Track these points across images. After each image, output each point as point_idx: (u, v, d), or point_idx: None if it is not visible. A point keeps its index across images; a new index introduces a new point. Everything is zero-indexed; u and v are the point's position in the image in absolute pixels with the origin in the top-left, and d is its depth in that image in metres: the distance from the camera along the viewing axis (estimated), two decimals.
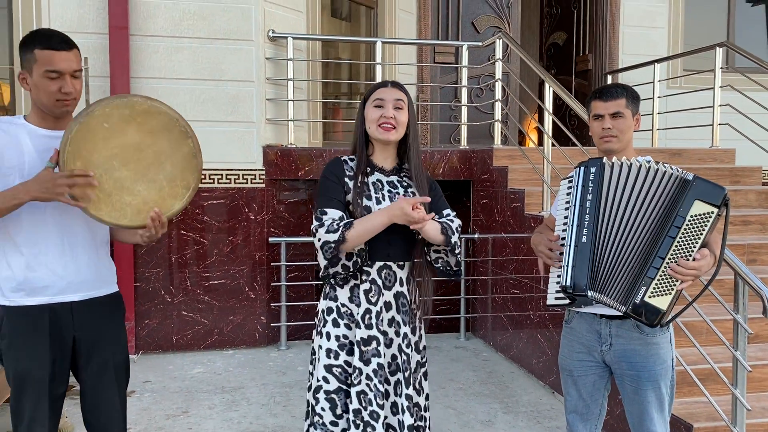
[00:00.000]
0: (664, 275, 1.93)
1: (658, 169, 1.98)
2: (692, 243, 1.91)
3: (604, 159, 2.06)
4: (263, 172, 4.95)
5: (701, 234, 1.91)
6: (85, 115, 1.81)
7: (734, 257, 2.61)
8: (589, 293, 1.99)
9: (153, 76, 4.70)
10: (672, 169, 1.98)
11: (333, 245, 2.01)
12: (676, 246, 1.92)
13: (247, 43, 4.87)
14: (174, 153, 1.91)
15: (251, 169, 4.91)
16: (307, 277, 5.30)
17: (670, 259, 1.93)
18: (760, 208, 4.67)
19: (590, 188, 2.04)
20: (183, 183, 1.94)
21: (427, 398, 2.26)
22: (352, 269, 2.09)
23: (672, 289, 1.93)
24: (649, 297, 1.93)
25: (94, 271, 2.02)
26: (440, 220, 2.15)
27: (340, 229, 2.01)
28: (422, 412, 2.22)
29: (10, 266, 1.93)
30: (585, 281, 1.99)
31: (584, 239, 2.02)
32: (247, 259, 4.97)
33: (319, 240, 2.03)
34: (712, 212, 1.90)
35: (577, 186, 2.08)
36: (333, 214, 2.06)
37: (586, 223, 2.03)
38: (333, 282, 2.14)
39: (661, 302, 1.93)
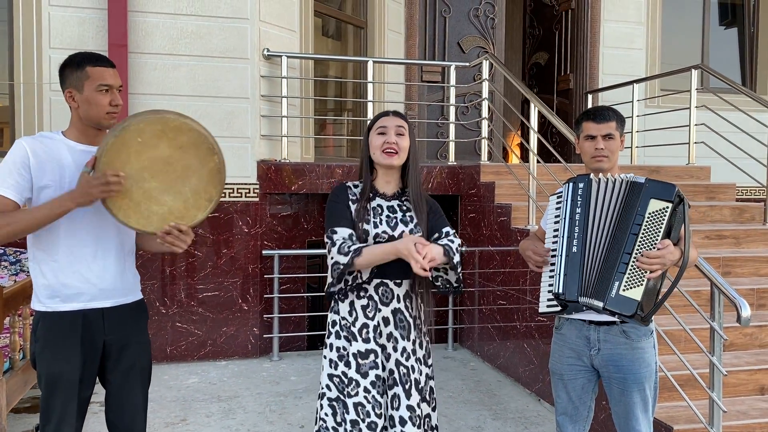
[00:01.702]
0: (633, 268, 2.14)
1: (622, 180, 2.22)
2: (654, 237, 2.13)
3: (591, 175, 2.26)
4: (257, 186, 5.07)
5: (660, 227, 2.13)
6: (121, 129, 1.94)
7: (711, 269, 2.80)
8: (581, 299, 2.18)
9: (151, 92, 4.82)
10: (629, 177, 2.23)
11: (342, 267, 2.15)
12: (640, 241, 2.14)
13: (242, 61, 5.01)
14: (200, 168, 2.04)
15: (246, 184, 5.04)
16: (298, 290, 5.42)
17: (636, 253, 2.14)
18: (733, 223, 4.90)
19: (579, 202, 2.24)
20: (206, 196, 2.07)
21: (435, 410, 2.37)
22: (351, 283, 2.24)
23: (643, 281, 2.12)
24: (623, 290, 2.13)
25: (123, 279, 2.15)
26: (442, 243, 2.25)
27: (351, 254, 2.14)
28: (432, 422, 2.33)
29: (44, 275, 2.05)
30: (576, 288, 2.18)
31: (575, 249, 2.21)
32: (241, 272, 5.08)
33: (332, 259, 2.18)
34: (667, 207, 2.14)
35: (566, 200, 2.27)
36: (343, 232, 2.20)
37: (576, 234, 2.22)
38: (336, 297, 2.28)
39: (635, 294, 2.12)
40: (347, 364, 2.24)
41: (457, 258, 2.25)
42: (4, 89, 4.77)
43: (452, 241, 2.28)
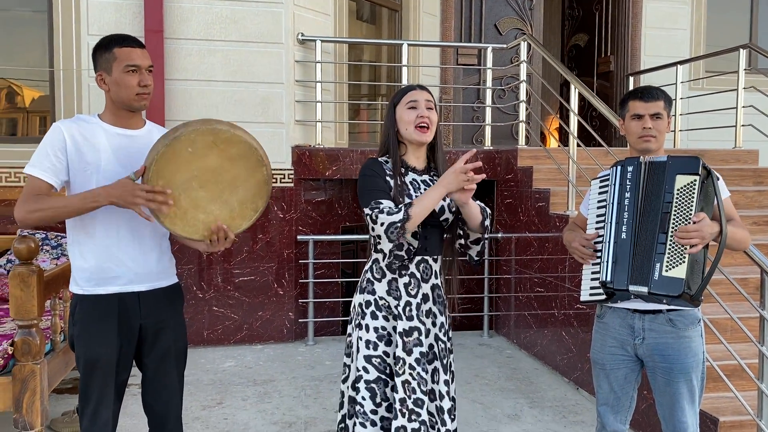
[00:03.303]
0: (672, 246, 2.06)
1: (641, 161, 2.17)
2: (687, 212, 2.06)
3: (641, 158, 2.17)
4: (292, 172, 5.07)
5: (692, 202, 2.07)
6: (172, 138, 1.93)
7: (761, 255, 2.68)
8: (631, 287, 2.10)
9: (186, 78, 4.84)
10: (650, 158, 2.18)
11: (399, 224, 2.06)
12: (673, 219, 2.07)
13: (277, 45, 4.99)
14: (248, 179, 2.03)
15: (281, 169, 5.03)
16: (333, 275, 5.42)
17: (671, 231, 2.07)
18: None
19: (628, 186, 2.16)
20: (252, 206, 2.07)
21: (453, 381, 2.35)
22: (406, 257, 2.16)
23: (684, 257, 2.05)
24: (666, 271, 2.06)
25: (159, 263, 2.16)
26: (478, 203, 2.21)
27: (403, 208, 2.08)
28: (453, 394, 2.32)
29: (83, 257, 2.07)
30: (626, 276, 2.10)
31: (624, 236, 2.13)
32: (276, 257, 5.09)
33: (383, 224, 2.07)
34: (695, 180, 2.07)
35: (614, 185, 2.19)
36: (387, 203, 2.12)
37: (625, 220, 2.14)
38: (373, 277, 2.24)
39: (678, 272, 2.05)
40: (389, 343, 2.21)
41: (487, 222, 2.22)
42: (44, 76, 4.84)
43: (485, 209, 2.25)
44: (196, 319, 4.95)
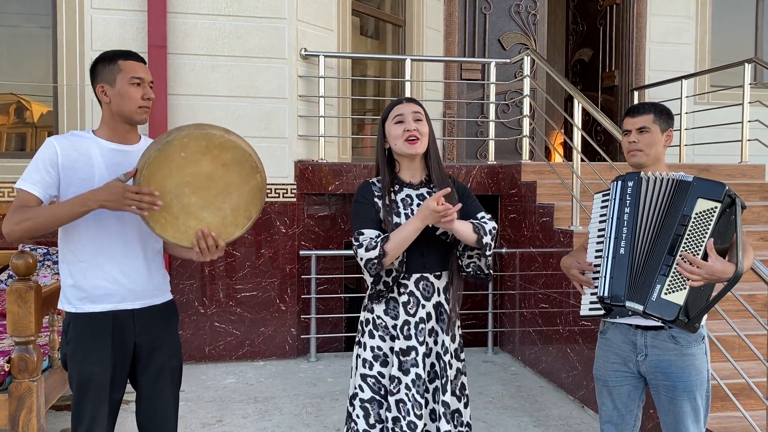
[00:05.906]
0: (676, 272, 2.01)
1: (670, 178, 2.11)
2: (700, 239, 2.00)
3: (641, 173, 2.14)
4: (294, 187, 5.05)
5: (707, 229, 2.00)
6: (165, 143, 1.91)
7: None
8: (627, 303, 2.06)
9: (190, 93, 4.84)
10: (676, 175, 2.11)
11: (375, 261, 2.09)
12: (684, 243, 2.02)
13: (280, 61, 5.00)
14: (242, 185, 2.00)
15: (283, 184, 5.02)
16: (336, 290, 5.38)
17: (679, 256, 2.02)
18: None
19: (627, 201, 2.13)
20: (246, 213, 2.03)
21: (467, 406, 2.31)
22: (392, 284, 2.17)
23: (686, 285, 1.99)
24: (665, 294, 2.01)
25: (152, 280, 2.13)
26: (472, 221, 2.19)
27: (378, 244, 2.09)
28: (463, 419, 2.27)
29: (72, 275, 2.04)
30: (623, 292, 2.07)
31: (622, 251, 2.10)
32: (278, 272, 5.06)
33: (362, 259, 2.12)
34: (715, 207, 2.00)
35: (614, 199, 2.17)
36: (369, 233, 2.15)
37: (624, 235, 2.11)
38: (377, 298, 2.20)
39: (677, 298, 1.99)
40: (383, 364, 2.19)
41: (487, 239, 2.16)
42: (47, 92, 4.86)
43: (485, 223, 2.21)
44: (197, 334, 4.92)
